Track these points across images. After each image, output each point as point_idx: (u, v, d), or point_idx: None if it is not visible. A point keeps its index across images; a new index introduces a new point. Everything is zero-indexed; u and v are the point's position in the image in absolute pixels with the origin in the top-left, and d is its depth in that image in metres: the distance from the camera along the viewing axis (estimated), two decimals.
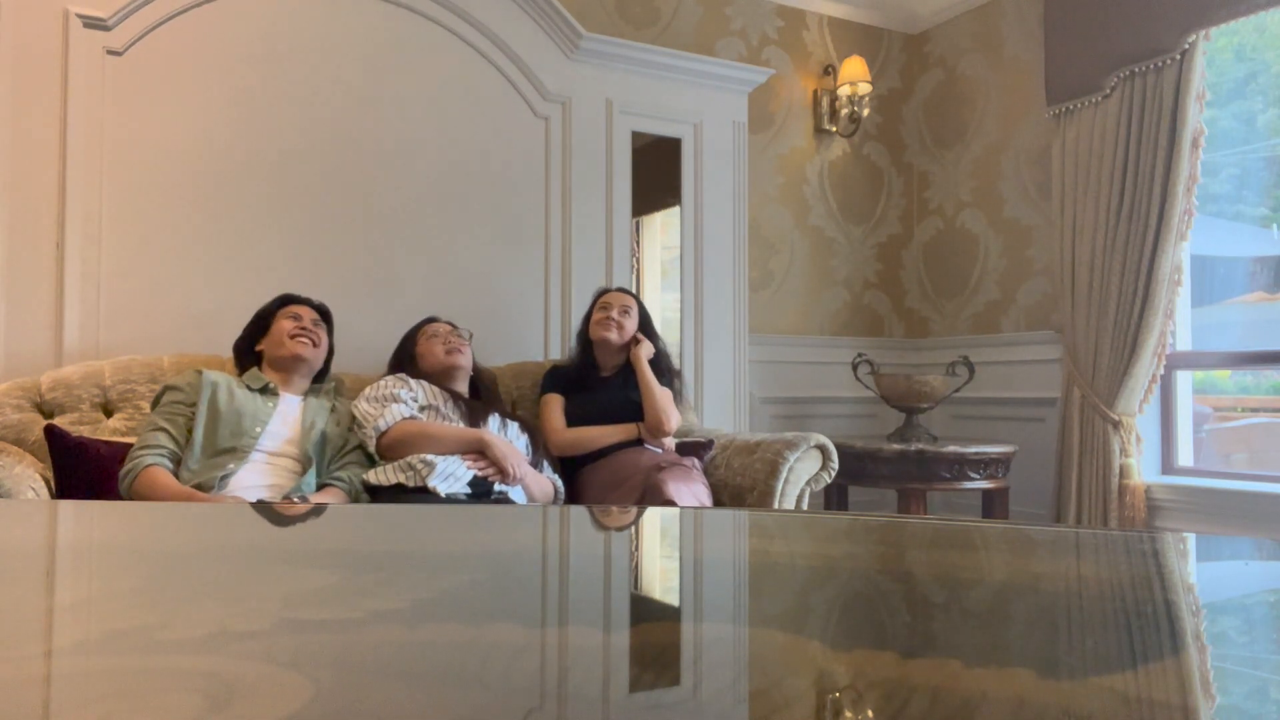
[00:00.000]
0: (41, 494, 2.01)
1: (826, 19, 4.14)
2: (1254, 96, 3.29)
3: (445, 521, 1.08)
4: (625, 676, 0.48)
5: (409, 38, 2.97)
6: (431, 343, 2.55)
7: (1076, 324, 3.43)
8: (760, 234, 3.92)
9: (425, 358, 2.55)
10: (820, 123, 4.09)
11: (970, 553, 0.89)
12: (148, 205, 2.61)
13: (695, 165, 3.47)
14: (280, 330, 2.34)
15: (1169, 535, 1.05)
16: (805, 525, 1.07)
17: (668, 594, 0.75)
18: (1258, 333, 3.33)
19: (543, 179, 3.18)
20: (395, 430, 2.31)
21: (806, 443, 2.57)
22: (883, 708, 0.42)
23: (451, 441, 2.31)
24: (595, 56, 3.25)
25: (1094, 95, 3.38)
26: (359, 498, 2.23)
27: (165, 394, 2.20)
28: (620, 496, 2.46)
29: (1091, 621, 0.62)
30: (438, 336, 2.56)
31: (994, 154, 4.00)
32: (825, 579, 0.76)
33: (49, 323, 2.49)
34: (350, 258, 2.87)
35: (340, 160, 2.86)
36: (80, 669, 0.47)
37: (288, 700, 0.41)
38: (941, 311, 4.25)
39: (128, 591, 0.65)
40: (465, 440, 2.32)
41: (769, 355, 3.90)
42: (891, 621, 0.62)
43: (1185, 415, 3.44)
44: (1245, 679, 0.50)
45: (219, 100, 2.71)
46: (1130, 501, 3.26)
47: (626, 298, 2.81)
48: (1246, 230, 3.38)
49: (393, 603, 0.61)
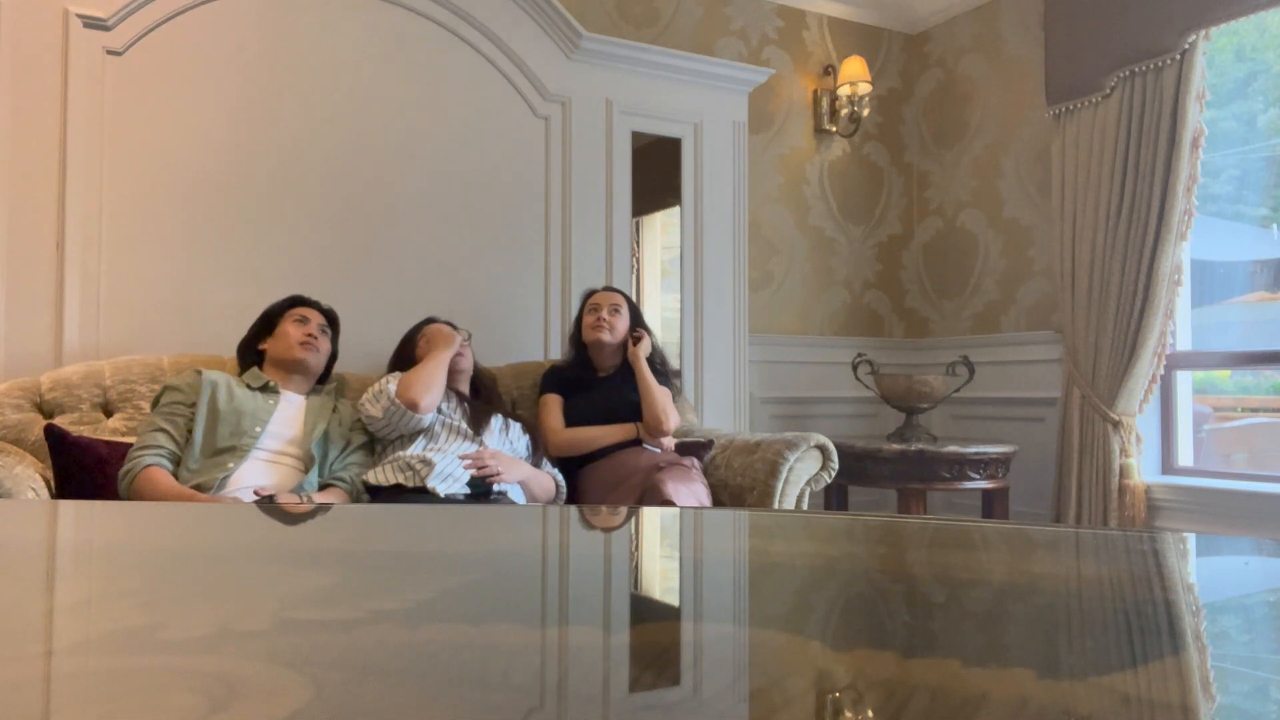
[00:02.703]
0: (41, 494, 2.01)
1: (826, 19, 4.15)
2: (1254, 96, 3.29)
3: (445, 521, 1.08)
4: (625, 676, 0.48)
5: (409, 38, 2.97)
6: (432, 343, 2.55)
7: (1076, 324, 3.43)
8: (760, 234, 3.92)
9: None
10: (820, 123, 4.09)
11: (970, 553, 0.89)
12: (148, 205, 2.62)
13: (695, 165, 3.47)
14: (285, 332, 2.35)
15: (1169, 535, 1.05)
16: (805, 525, 1.07)
17: (668, 594, 0.75)
18: (1258, 333, 3.33)
19: (543, 179, 3.18)
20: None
21: (806, 443, 2.57)
22: (883, 708, 0.42)
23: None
24: (595, 56, 3.25)
25: (1094, 95, 3.38)
26: (360, 497, 2.23)
27: (165, 394, 2.20)
28: (619, 497, 2.46)
29: (1091, 621, 0.62)
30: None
31: (994, 154, 4.01)
32: (825, 579, 0.76)
33: (49, 323, 2.49)
34: (350, 257, 2.87)
35: (340, 160, 2.86)
36: (80, 669, 0.47)
37: (288, 700, 0.41)
38: (941, 311, 4.25)
39: (128, 591, 0.65)
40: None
41: (769, 355, 3.90)
42: (891, 621, 0.62)
43: (1185, 415, 3.44)
44: (1245, 679, 0.50)
45: (219, 100, 2.71)
46: (1130, 501, 3.26)
47: (615, 296, 2.81)
48: (1246, 231, 3.38)
49: (393, 603, 0.61)
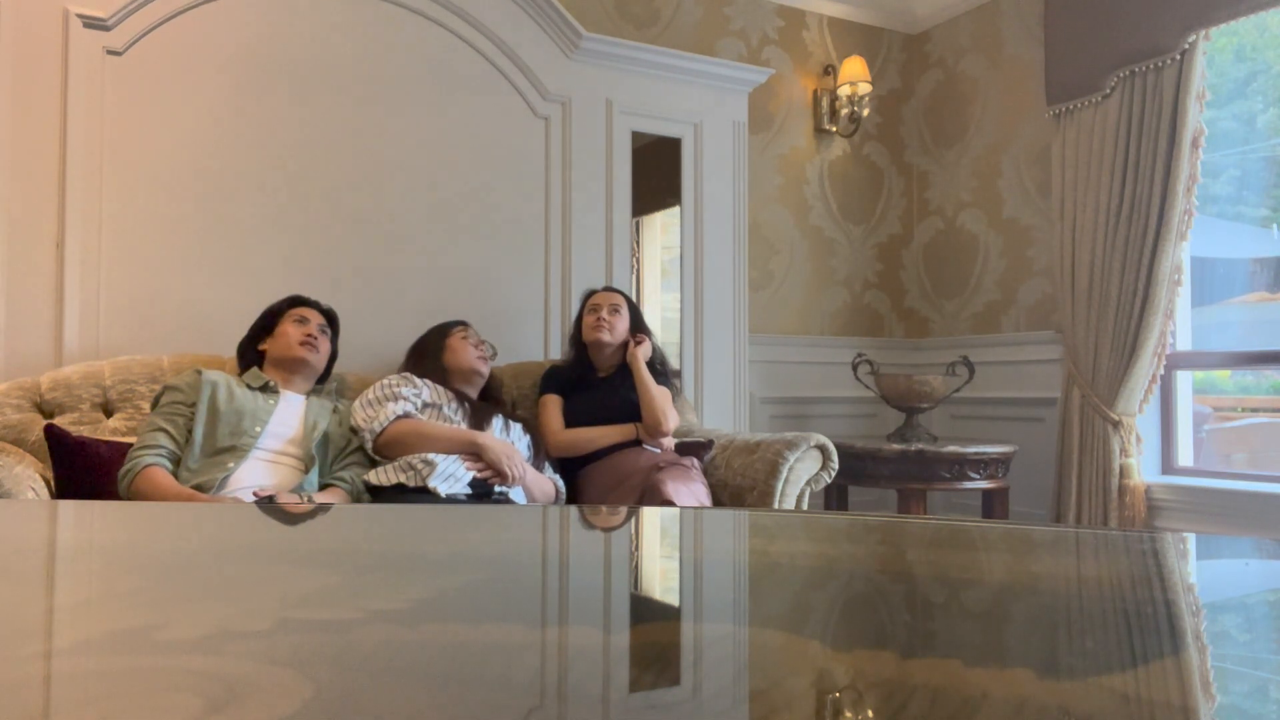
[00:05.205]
0: (41, 494, 2.01)
1: (826, 19, 4.14)
2: (1254, 96, 3.29)
3: (445, 521, 1.08)
4: (625, 676, 0.48)
5: (409, 38, 2.97)
6: (465, 343, 2.58)
7: (1076, 324, 3.43)
8: (760, 234, 3.92)
9: (455, 353, 2.56)
10: (820, 123, 4.09)
11: (970, 553, 0.89)
12: (148, 205, 2.61)
13: (695, 165, 3.47)
14: (285, 332, 2.35)
15: (1169, 535, 1.05)
16: (805, 525, 1.07)
17: (668, 594, 0.75)
18: (1258, 333, 3.33)
19: (543, 179, 3.18)
20: (391, 429, 2.31)
21: (806, 443, 2.57)
22: (883, 708, 0.42)
23: (446, 441, 2.31)
24: (595, 56, 3.25)
25: (1094, 95, 3.38)
26: (361, 498, 2.23)
27: (165, 394, 2.20)
28: (619, 497, 2.46)
29: (1091, 621, 0.62)
30: (469, 339, 2.59)
31: (994, 154, 4.00)
32: (825, 579, 0.76)
33: (49, 323, 2.49)
34: (349, 257, 2.87)
35: (340, 160, 2.86)
36: (80, 669, 0.47)
37: (288, 700, 0.41)
38: (941, 311, 4.25)
39: (128, 591, 0.65)
40: (460, 441, 2.32)
41: (769, 355, 3.90)
42: (891, 621, 0.62)
43: (1185, 415, 3.44)
44: (1245, 679, 0.50)
45: (219, 100, 2.71)
46: (1130, 501, 3.26)
47: (614, 296, 2.81)
48: (1246, 231, 3.38)
49: (393, 603, 0.61)
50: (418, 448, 2.27)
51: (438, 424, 2.38)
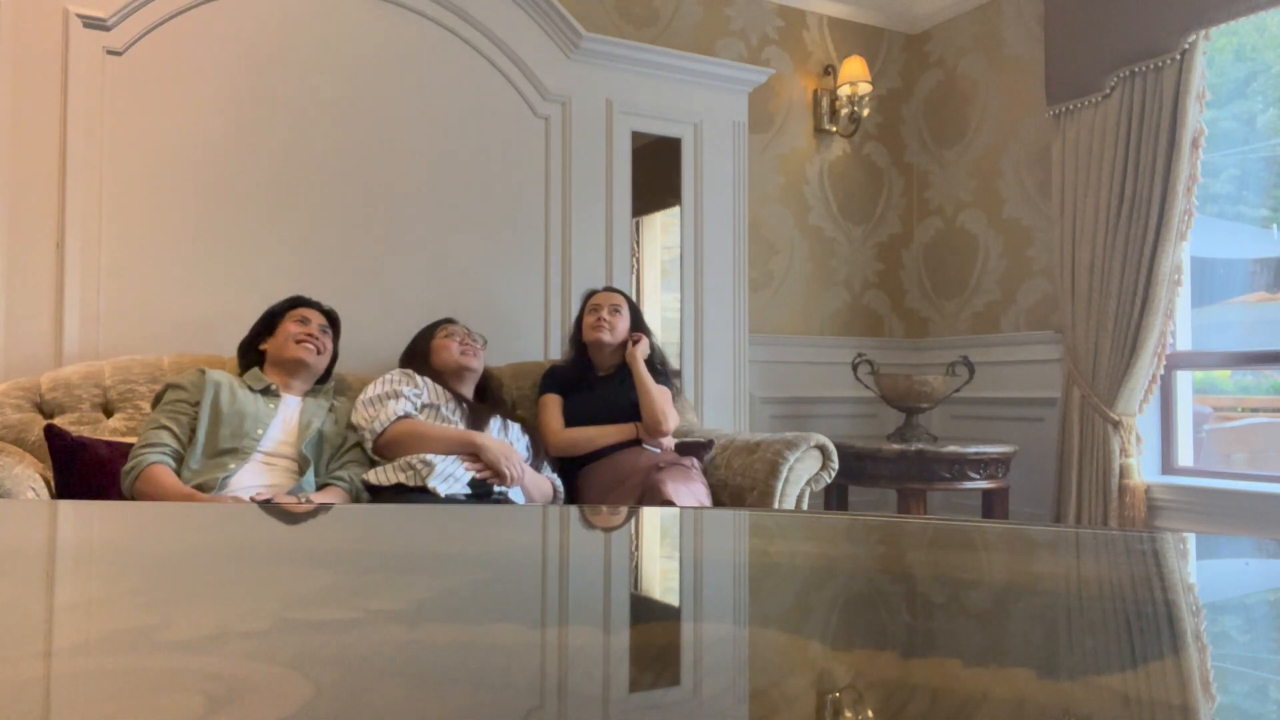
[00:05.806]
0: (41, 494, 2.01)
1: (826, 19, 4.15)
2: (1254, 97, 3.29)
3: (445, 521, 1.08)
4: (625, 676, 0.48)
5: (409, 38, 2.97)
6: (448, 341, 2.57)
7: (1076, 324, 3.43)
8: (760, 234, 3.92)
9: (439, 354, 2.56)
10: (820, 123, 4.09)
11: (970, 553, 0.89)
12: (148, 205, 2.62)
13: (695, 165, 3.47)
14: (286, 333, 2.34)
15: (1169, 535, 1.05)
16: (805, 525, 1.07)
17: (668, 594, 0.75)
18: (1258, 333, 3.33)
19: (543, 179, 3.18)
20: (391, 430, 2.31)
21: (806, 443, 2.57)
22: (883, 708, 0.42)
23: (445, 442, 2.31)
24: (595, 56, 3.25)
25: (1094, 95, 3.38)
26: (360, 497, 2.23)
27: (168, 392, 2.20)
28: (619, 497, 2.46)
29: (1091, 621, 0.62)
30: (454, 336, 2.59)
31: (994, 154, 4.01)
32: (825, 579, 0.76)
33: (49, 323, 2.49)
34: (350, 257, 2.87)
35: (340, 160, 2.86)
36: (80, 669, 0.47)
37: (288, 700, 0.41)
38: (941, 311, 4.25)
39: (128, 591, 0.65)
40: (459, 442, 2.32)
41: (769, 355, 3.90)
42: (891, 621, 0.62)
43: (1185, 415, 3.44)
44: (1245, 679, 0.50)
45: (219, 100, 2.71)
46: (1130, 501, 3.26)
47: (615, 296, 2.82)
48: (1246, 230, 3.38)
49: (393, 603, 0.61)
50: (417, 448, 2.28)
51: (436, 425, 2.38)
